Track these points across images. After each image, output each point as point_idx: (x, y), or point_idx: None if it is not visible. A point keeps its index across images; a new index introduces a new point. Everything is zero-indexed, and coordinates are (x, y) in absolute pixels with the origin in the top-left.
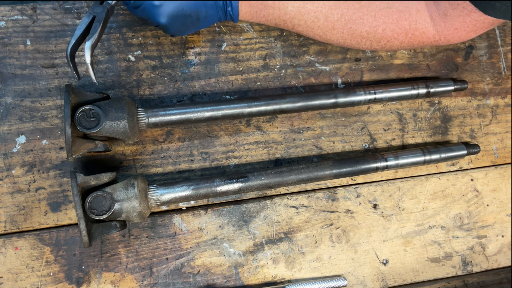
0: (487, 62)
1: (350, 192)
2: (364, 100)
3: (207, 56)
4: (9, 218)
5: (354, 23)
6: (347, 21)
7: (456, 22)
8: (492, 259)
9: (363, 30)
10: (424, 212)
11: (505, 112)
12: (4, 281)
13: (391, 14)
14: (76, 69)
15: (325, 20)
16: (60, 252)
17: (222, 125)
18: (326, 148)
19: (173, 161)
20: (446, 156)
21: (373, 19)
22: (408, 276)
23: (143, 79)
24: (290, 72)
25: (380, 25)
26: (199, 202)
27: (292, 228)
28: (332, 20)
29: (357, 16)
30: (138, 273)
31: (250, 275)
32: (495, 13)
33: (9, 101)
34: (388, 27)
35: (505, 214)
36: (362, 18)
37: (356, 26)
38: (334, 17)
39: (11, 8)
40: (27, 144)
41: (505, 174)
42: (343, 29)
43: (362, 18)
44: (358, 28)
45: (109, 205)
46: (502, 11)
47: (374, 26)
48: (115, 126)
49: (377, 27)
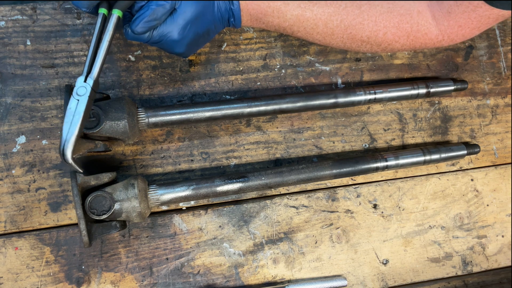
0: (487, 62)
1: (350, 192)
2: (364, 100)
3: (207, 56)
4: (9, 218)
5: (354, 28)
6: (346, 27)
7: (460, 19)
8: (492, 259)
9: (364, 34)
10: (424, 212)
11: (505, 112)
12: (4, 281)
13: (392, 18)
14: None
15: (324, 26)
16: (60, 252)
17: (222, 125)
18: (326, 148)
19: (173, 161)
20: (446, 156)
21: (374, 24)
22: (408, 276)
23: (143, 79)
24: (290, 72)
25: (381, 30)
26: (199, 202)
27: (292, 228)
28: (331, 26)
29: (357, 21)
30: (138, 273)
31: (250, 275)
32: (502, 4)
33: (9, 101)
34: (389, 31)
35: (505, 214)
36: (362, 24)
37: (356, 31)
38: (334, 23)
39: (11, 8)
40: (27, 144)
41: (505, 174)
42: (342, 35)
43: (362, 23)
44: (358, 33)
45: (109, 205)
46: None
47: (375, 31)
48: (115, 126)
49: (377, 32)
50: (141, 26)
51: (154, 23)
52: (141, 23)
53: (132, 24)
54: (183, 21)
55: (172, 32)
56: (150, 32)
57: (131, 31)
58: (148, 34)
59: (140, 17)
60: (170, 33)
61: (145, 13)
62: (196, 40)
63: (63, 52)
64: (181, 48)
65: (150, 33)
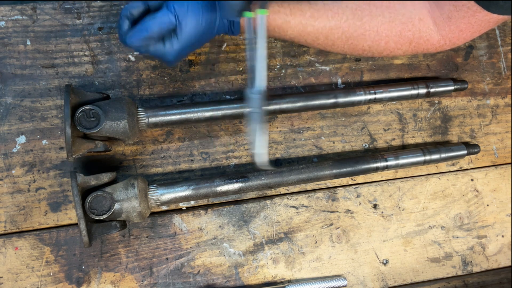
0: (487, 62)
1: (350, 192)
2: (364, 100)
3: (207, 56)
4: (9, 218)
5: (356, 39)
6: (348, 38)
7: (461, 23)
8: (492, 259)
9: (365, 44)
10: (424, 212)
11: (505, 112)
12: (4, 281)
13: (394, 27)
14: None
15: (325, 39)
16: (60, 252)
17: (222, 125)
18: (326, 148)
19: (173, 161)
20: (446, 156)
21: (376, 34)
22: (408, 276)
23: (143, 79)
24: (290, 72)
25: (383, 39)
26: (199, 202)
27: (292, 228)
28: (332, 38)
29: (359, 33)
30: (138, 273)
31: (250, 275)
32: (499, 10)
33: (9, 101)
34: (391, 40)
35: (505, 214)
36: (364, 35)
37: (358, 42)
38: (335, 36)
39: (11, 8)
40: (27, 144)
41: (505, 174)
42: (344, 45)
43: (364, 34)
44: (359, 44)
45: (109, 205)
46: (505, 8)
47: (377, 40)
48: (115, 126)
49: (379, 41)
50: (135, 41)
51: (148, 42)
52: (136, 40)
53: (126, 35)
54: (181, 47)
55: (168, 55)
56: (147, 48)
57: (126, 42)
58: (145, 49)
59: (136, 34)
60: (166, 55)
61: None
62: (188, 53)
63: (63, 52)
64: (172, 64)
65: (146, 49)
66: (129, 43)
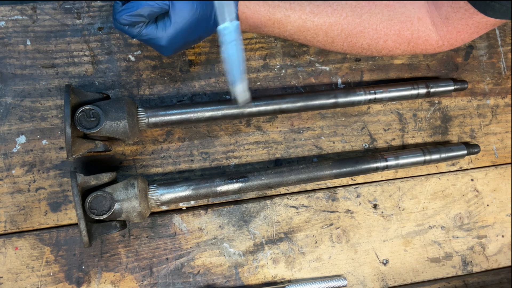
0: (487, 62)
1: (350, 192)
2: (364, 100)
3: (207, 56)
4: (9, 218)
5: (355, 37)
6: (347, 36)
7: (458, 25)
8: (492, 259)
9: (364, 42)
10: (424, 212)
11: (505, 112)
12: (4, 281)
13: (393, 25)
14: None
15: (325, 35)
16: (60, 252)
17: (222, 125)
18: (326, 148)
19: (173, 161)
20: (446, 156)
21: (375, 32)
22: (408, 276)
23: (143, 79)
24: (290, 72)
25: (382, 37)
26: (199, 202)
27: (292, 228)
28: (332, 35)
29: (358, 30)
30: (138, 273)
31: (250, 275)
32: (495, 14)
33: (9, 101)
34: (390, 38)
35: (505, 214)
36: (363, 32)
37: (357, 39)
38: (334, 32)
39: (11, 8)
40: (27, 144)
41: (505, 174)
42: (343, 43)
43: (363, 32)
44: (358, 41)
45: (109, 205)
46: (502, 11)
47: (375, 39)
48: (115, 126)
49: (378, 39)
50: (124, 18)
51: (138, 19)
52: (125, 15)
53: (118, 13)
54: (174, 31)
55: (161, 39)
56: (139, 30)
57: (115, 19)
58: (138, 31)
59: (127, 10)
60: (159, 39)
61: (132, 8)
62: (185, 45)
63: (63, 52)
64: (168, 52)
65: (139, 30)
66: (118, 18)
